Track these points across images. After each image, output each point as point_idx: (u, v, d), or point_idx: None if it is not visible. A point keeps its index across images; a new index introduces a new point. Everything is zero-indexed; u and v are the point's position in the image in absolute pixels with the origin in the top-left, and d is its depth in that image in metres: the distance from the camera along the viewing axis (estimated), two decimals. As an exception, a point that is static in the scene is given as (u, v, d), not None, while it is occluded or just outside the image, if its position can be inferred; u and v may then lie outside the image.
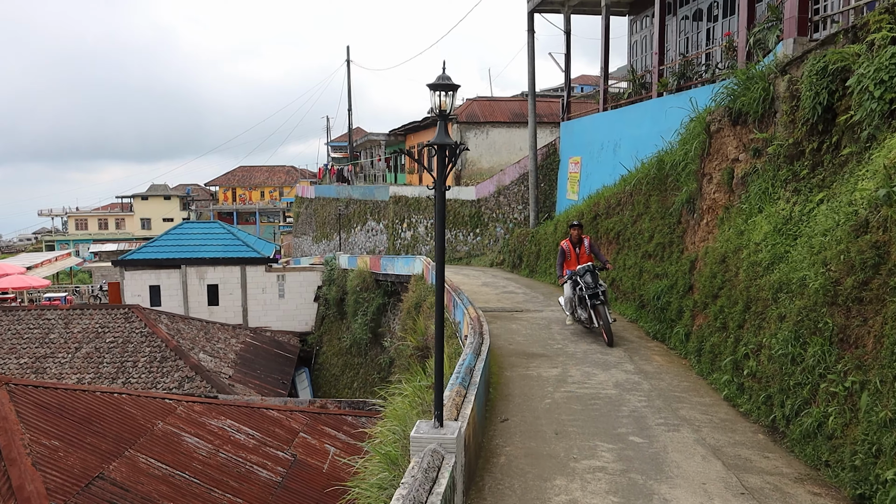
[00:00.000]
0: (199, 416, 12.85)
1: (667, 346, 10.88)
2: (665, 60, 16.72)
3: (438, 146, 4.29)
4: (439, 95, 4.43)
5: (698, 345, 9.47)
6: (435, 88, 4.44)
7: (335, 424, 14.67)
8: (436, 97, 4.42)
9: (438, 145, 4.28)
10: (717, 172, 10.12)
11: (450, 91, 4.47)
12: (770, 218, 8.20)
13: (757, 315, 7.68)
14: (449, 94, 4.46)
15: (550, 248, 19.79)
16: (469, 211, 28.49)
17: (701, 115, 10.61)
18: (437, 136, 4.30)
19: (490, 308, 14.68)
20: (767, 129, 8.88)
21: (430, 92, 4.43)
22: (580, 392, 8.21)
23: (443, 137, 4.29)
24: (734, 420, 7.25)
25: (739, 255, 8.55)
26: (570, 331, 12.13)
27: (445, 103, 4.44)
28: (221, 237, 33.78)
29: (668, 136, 13.60)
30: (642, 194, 13.77)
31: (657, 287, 11.90)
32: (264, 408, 14.32)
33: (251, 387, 24.52)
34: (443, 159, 4.31)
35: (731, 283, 8.64)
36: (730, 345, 8.24)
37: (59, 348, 24.71)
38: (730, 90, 9.64)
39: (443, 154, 4.29)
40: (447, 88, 4.45)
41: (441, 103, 4.43)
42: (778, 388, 6.74)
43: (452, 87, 4.50)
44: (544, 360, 9.86)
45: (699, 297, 9.82)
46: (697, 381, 8.84)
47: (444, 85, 4.43)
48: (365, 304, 26.60)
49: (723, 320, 8.69)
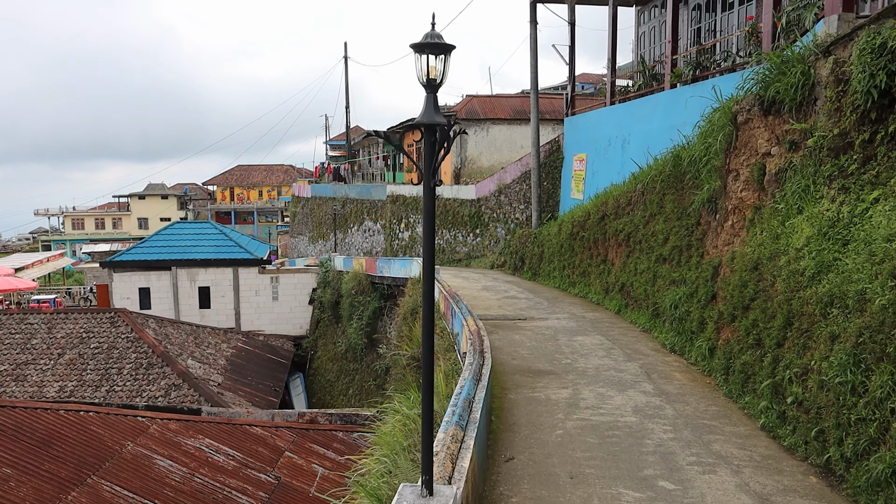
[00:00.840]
0: (174, 435, 11.80)
1: (687, 361, 9.84)
2: (677, 50, 15.65)
3: (425, 127, 3.24)
4: (427, 59, 3.36)
5: (726, 362, 8.42)
6: (421, 50, 3.35)
7: (324, 441, 13.62)
8: (422, 61, 3.35)
9: (425, 126, 3.24)
10: (745, 168, 9.06)
11: (440, 53, 3.38)
12: (812, 220, 7.15)
13: (801, 333, 6.62)
14: (439, 57, 3.38)
15: (554, 250, 18.75)
16: (469, 211, 27.43)
17: (726, 105, 9.55)
18: (422, 114, 3.26)
19: (491, 316, 13.63)
20: (806, 118, 7.83)
21: (416, 55, 3.36)
22: (595, 420, 7.16)
23: (431, 115, 3.24)
24: (778, 457, 6.20)
25: (776, 263, 7.49)
26: (577, 343, 11.09)
27: (435, 69, 3.36)
28: (213, 238, 32.72)
29: (683, 129, 12.55)
30: (656, 193, 12.72)
31: (674, 294, 10.85)
32: (247, 424, 13.27)
33: (241, 395, 23.48)
34: (432, 144, 3.26)
35: (767, 293, 7.58)
36: (767, 365, 7.19)
37: (42, 354, 23.68)
38: (761, 76, 8.58)
39: (432, 137, 3.25)
40: (437, 50, 3.36)
41: (429, 69, 3.35)
42: (834, 422, 5.69)
43: (444, 49, 3.39)
44: (552, 379, 8.81)
45: (725, 308, 8.76)
46: (727, 404, 7.79)
47: (433, 45, 3.33)
48: (360, 307, 25.54)
49: (756, 336, 7.63)
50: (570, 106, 22.33)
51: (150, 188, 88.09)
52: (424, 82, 3.37)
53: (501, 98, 34.93)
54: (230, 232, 35.31)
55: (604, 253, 15.36)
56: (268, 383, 25.66)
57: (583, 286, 16.25)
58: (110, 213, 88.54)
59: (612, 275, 14.63)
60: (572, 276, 17.15)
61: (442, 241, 29.29)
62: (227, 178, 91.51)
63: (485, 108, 32.68)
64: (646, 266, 12.73)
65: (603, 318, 13.33)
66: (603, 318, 13.33)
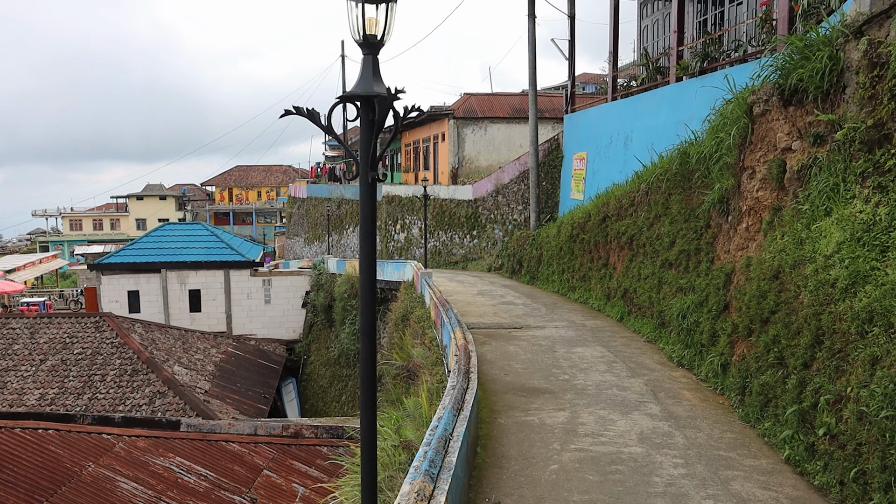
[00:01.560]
0: (141, 454, 10.94)
1: (696, 377, 8.97)
2: (683, 42, 14.77)
3: (360, 100, 2.37)
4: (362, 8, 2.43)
5: (741, 381, 7.54)
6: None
7: (307, 457, 12.76)
8: (356, 12, 2.44)
9: (360, 98, 2.36)
10: (762, 165, 8.19)
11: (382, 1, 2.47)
12: (843, 223, 6.27)
13: (833, 353, 5.75)
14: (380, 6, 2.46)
15: (553, 253, 17.88)
16: (465, 211, 26.55)
17: (740, 96, 8.67)
18: (357, 83, 2.38)
19: (485, 324, 12.77)
20: (834, 108, 6.96)
21: (348, 4, 2.44)
22: (596, 450, 6.28)
23: (368, 83, 2.36)
24: (808, 499, 5.33)
25: (801, 271, 6.62)
26: (577, 355, 10.22)
27: (374, 22, 2.45)
28: (204, 239, 31.87)
29: (691, 124, 11.69)
30: (661, 193, 11.85)
31: (682, 303, 9.98)
32: (224, 440, 12.40)
33: (229, 402, 22.63)
34: (369, 123, 2.38)
35: (790, 306, 6.70)
36: (791, 389, 6.31)
37: (23, 360, 22.87)
38: (780, 63, 7.70)
39: (369, 113, 2.37)
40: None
41: (366, 23, 2.45)
42: (879, 463, 4.81)
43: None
44: (548, 399, 7.93)
45: (740, 320, 7.89)
46: (744, 430, 6.92)
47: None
48: (353, 312, 24.70)
49: (778, 354, 6.76)
50: (569, 103, 21.46)
51: (148, 189, 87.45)
52: (360, 39, 2.48)
53: (500, 96, 34.04)
54: (222, 233, 34.47)
55: (605, 256, 14.49)
56: (258, 390, 24.79)
57: (583, 291, 15.38)
58: (108, 213, 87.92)
59: (613, 280, 13.77)
60: (572, 281, 16.27)
61: (438, 243, 28.42)
62: (225, 178, 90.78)
63: (483, 107, 31.79)
64: (650, 271, 11.87)
65: (604, 327, 12.46)
66: (604, 327, 12.46)
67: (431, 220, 28.50)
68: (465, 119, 30.48)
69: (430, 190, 28.55)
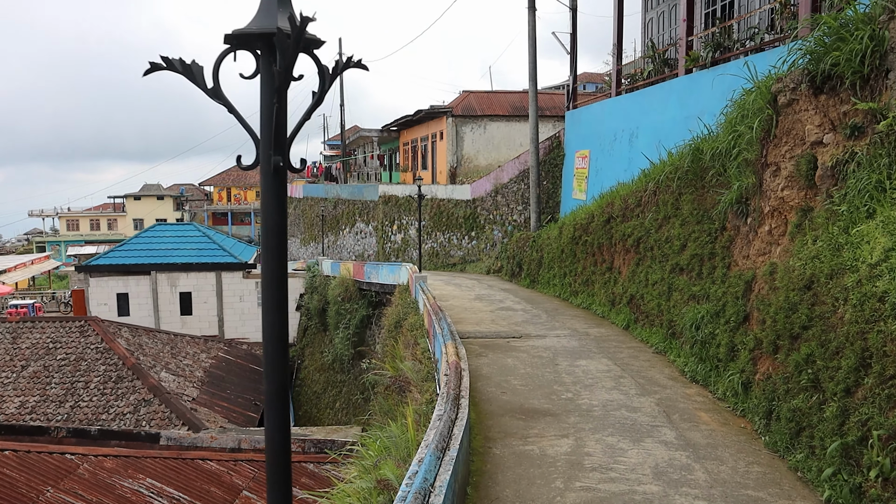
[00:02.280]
0: (108, 475, 10.10)
1: (713, 395, 8.12)
2: (692, 32, 13.92)
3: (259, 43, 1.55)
4: None
5: (767, 403, 6.70)
6: None
7: (293, 476, 11.94)
8: None
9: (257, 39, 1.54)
10: (789, 161, 7.34)
11: None
12: (891, 226, 5.43)
13: (885, 380, 4.90)
14: None
15: (554, 255, 17.03)
16: (464, 212, 25.70)
17: (763, 84, 7.82)
18: (254, 18, 1.57)
19: (482, 333, 11.93)
20: (874, 96, 6.11)
21: None
22: (605, 489, 5.44)
23: (269, 18, 1.53)
24: (860, 557, 4.49)
25: (840, 282, 5.77)
26: (581, 369, 9.38)
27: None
28: (195, 240, 31.02)
29: (703, 118, 10.85)
30: (671, 192, 11.01)
31: (695, 312, 9.14)
32: (201, 458, 11.56)
33: (217, 410, 21.80)
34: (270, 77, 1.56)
35: (827, 321, 5.86)
36: (830, 417, 5.46)
37: (4, 366, 22.06)
38: (810, 47, 6.86)
39: (270, 61, 1.56)
40: None
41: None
42: (952, 521, 3.97)
43: None
44: (550, 423, 7.09)
45: (765, 335, 7.05)
46: (772, 462, 6.07)
47: None
48: (347, 315, 23.84)
49: (812, 376, 5.91)
50: (571, 98, 20.61)
51: (146, 189, 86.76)
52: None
53: (499, 94, 33.20)
54: (214, 234, 33.64)
55: (609, 260, 13.65)
56: (248, 397, 23.95)
57: (586, 296, 14.53)
58: (105, 214, 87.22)
59: (619, 285, 12.92)
60: (574, 285, 15.43)
61: (436, 245, 27.57)
62: (224, 178, 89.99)
63: (482, 105, 30.95)
64: (659, 276, 11.02)
65: (609, 336, 11.62)
66: (609, 336, 11.62)
67: (429, 220, 27.66)
68: (464, 117, 29.66)
69: (428, 190, 27.72)
